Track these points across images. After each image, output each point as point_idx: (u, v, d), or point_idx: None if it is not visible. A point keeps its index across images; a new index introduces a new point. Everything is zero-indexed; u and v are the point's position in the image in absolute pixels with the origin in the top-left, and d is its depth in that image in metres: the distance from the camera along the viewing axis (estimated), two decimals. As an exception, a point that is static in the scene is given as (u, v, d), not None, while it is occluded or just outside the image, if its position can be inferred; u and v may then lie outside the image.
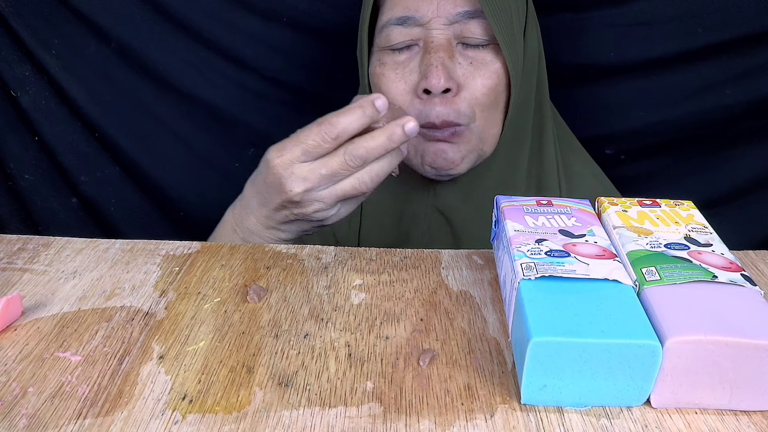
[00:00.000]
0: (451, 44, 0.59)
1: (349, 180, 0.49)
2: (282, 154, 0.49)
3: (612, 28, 0.80)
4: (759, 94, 0.79)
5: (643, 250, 0.39)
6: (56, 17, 0.84)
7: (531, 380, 0.34)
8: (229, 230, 0.58)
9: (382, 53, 0.62)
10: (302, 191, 0.49)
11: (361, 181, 0.49)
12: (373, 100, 0.48)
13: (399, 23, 0.60)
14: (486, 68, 0.59)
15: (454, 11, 0.58)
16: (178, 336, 0.40)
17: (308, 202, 0.50)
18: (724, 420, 0.34)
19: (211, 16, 0.84)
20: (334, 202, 0.51)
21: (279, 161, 0.49)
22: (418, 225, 0.68)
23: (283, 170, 0.49)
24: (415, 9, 0.59)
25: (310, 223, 0.54)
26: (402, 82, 0.61)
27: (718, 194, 0.84)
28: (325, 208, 0.51)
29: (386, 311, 0.43)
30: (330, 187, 0.50)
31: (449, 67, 0.58)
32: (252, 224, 0.55)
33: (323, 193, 0.50)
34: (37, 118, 0.88)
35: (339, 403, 0.35)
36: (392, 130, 0.48)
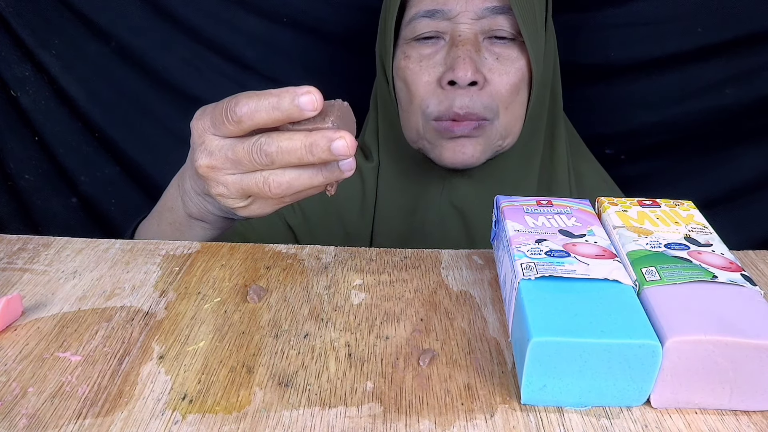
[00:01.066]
0: (477, 39, 0.60)
1: (254, 176, 0.42)
2: (200, 118, 0.43)
3: (612, 28, 0.80)
4: (759, 94, 0.79)
5: (643, 250, 0.39)
6: (56, 17, 0.84)
7: (531, 380, 0.34)
8: (175, 183, 0.54)
9: (407, 46, 0.63)
10: (206, 166, 0.43)
11: (266, 182, 0.42)
12: (298, 94, 0.39)
13: (427, 16, 0.60)
14: (511, 64, 0.60)
15: (482, 6, 0.59)
16: (178, 336, 0.40)
17: (212, 181, 0.43)
18: (724, 420, 0.34)
19: (211, 16, 0.84)
20: (238, 194, 0.44)
21: (196, 125, 0.44)
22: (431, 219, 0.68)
23: (197, 136, 0.43)
24: (443, 2, 0.60)
25: (224, 209, 0.48)
26: (426, 75, 0.61)
27: (718, 194, 0.84)
28: (228, 195, 0.44)
29: (386, 311, 0.43)
30: (236, 175, 0.43)
31: (476, 60, 0.59)
32: (187, 185, 0.50)
33: (228, 178, 0.43)
34: (37, 118, 0.88)
35: (339, 403, 0.35)
36: (315, 139, 0.40)
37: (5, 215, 0.94)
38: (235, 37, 0.85)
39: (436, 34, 0.61)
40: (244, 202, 0.45)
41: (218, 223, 0.52)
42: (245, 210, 0.46)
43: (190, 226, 0.52)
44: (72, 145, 0.90)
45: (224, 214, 0.51)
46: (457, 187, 0.67)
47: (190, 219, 0.52)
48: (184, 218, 0.52)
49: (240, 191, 0.43)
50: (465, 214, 0.67)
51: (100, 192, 0.93)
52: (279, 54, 0.86)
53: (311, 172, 0.42)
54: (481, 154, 0.62)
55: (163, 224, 0.55)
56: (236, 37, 0.85)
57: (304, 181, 0.42)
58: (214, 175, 0.43)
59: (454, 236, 0.67)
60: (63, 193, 0.93)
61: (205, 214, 0.51)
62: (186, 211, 0.52)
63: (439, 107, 0.60)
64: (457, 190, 0.67)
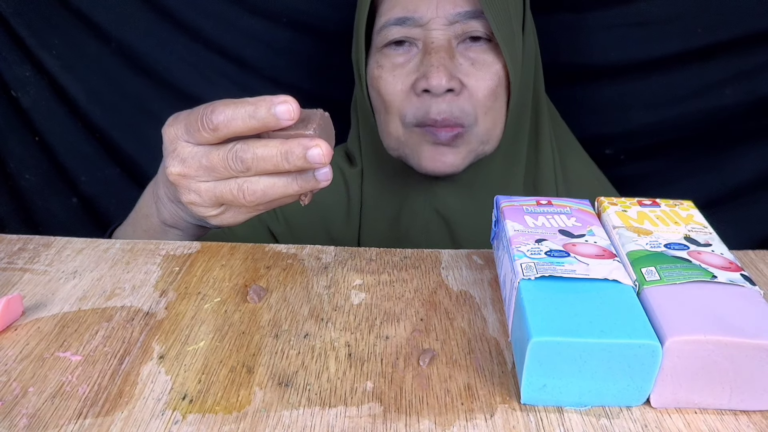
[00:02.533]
0: (451, 45, 0.59)
1: (229, 184, 0.42)
2: (172, 125, 0.43)
3: (612, 28, 0.80)
4: (759, 94, 0.79)
5: (642, 250, 0.39)
6: (56, 17, 0.84)
7: (531, 380, 0.34)
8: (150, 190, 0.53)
9: (379, 55, 0.62)
10: (177, 174, 0.43)
11: (240, 189, 0.42)
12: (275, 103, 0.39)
13: (398, 24, 0.60)
14: (487, 69, 0.59)
15: (453, 11, 0.58)
16: (178, 336, 0.40)
17: (184, 189, 0.43)
18: (724, 420, 0.34)
19: (211, 16, 0.84)
20: (210, 202, 0.44)
21: (167, 131, 0.43)
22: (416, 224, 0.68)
23: (169, 143, 0.43)
24: (414, 9, 0.59)
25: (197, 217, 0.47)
26: (399, 83, 0.60)
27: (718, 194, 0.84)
28: (200, 203, 0.44)
29: (386, 311, 0.43)
30: (210, 182, 0.43)
31: (450, 67, 0.58)
32: (161, 191, 0.50)
33: (200, 185, 0.43)
34: (37, 118, 0.88)
35: (339, 403, 0.35)
36: (290, 146, 0.39)
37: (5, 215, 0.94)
38: (235, 37, 0.85)
39: (408, 40, 0.60)
40: (217, 211, 0.45)
41: (191, 231, 0.52)
42: (217, 218, 0.46)
43: (164, 233, 0.52)
44: (72, 145, 0.90)
45: (197, 222, 0.50)
46: (440, 192, 0.67)
47: (164, 226, 0.52)
48: (158, 225, 0.52)
49: (213, 199, 0.43)
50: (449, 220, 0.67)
51: (100, 192, 0.93)
52: (279, 54, 0.86)
53: (286, 180, 0.41)
54: (461, 162, 0.61)
55: (138, 231, 0.55)
56: (236, 37, 0.85)
57: (279, 189, 0.41)
58: (186, 182, 0.43)
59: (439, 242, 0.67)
60: (63, 193, 0.93)
61: (179, 221, 0.51)
62: (160, 218, 0.52)
63: (417, 114, 0.59)
64: (440, 196, 0.67)
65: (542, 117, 0.68)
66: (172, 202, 0.49)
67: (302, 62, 0.87)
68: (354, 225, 0.71)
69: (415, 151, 0.62)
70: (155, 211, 0.52)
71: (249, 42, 0.86)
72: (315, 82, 0.88)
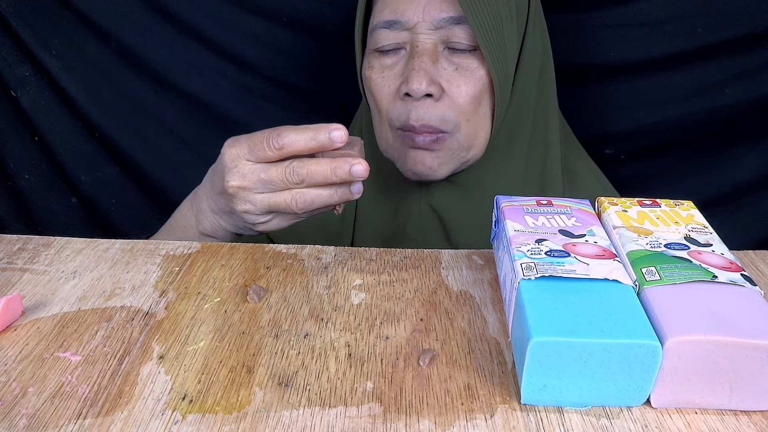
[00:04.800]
0: (436, 49, 0.59)
1: (283, 194, 0.50)
2: (233, 146, 0.50)
3: (612, 28, 0.80)
4: (759, 94, 0.78)
5: (643, 250, 0.39)
6: (56, 17, 0.84)
7: (531, 380, 0.34)
8: (188, 204, 0.60)
9: (371, 56, 0.63)
10: (236, 186, 0.50)
11: (294, 199, 0.49)
12: (331, 130, 0.48)
13: (386, 26, 0.60)
14: (471, 75, 0.59)
15: (438, 16, 0.58)
16: (178, 336, 0.40)
17: (240, 199, 0.51)
18: (724, 420, 0.34)
19: (211, 16, 0.84)
20: (263, 210, 0.51)
21: (228, 152, 0.50)
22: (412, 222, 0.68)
23: (230, 161, 0.50)
24: (401, 13, 0.59)
25: (243, 222, 0.53)
26: (387, 86, 0.61)
27: (718, 194, 0.84)
28: (254, 211, 0.51)
29: (386, 311, 0.43)
30: (265, 194, 0.50)
31: (431, 72, 0.58)
32: (204, 204, 0.57)
33: (257, 196, 0.50)
34: (37, 118, 0.88)
35: (339, 403, 0.35)
36: (338, 163, 0.48)
37: (5, 215, 0.94)
38: (235, 37, 0.85)
39: (396, 45, 0.60)
40: (266, 218, 0.52)
41: (227, 239, 0.58)
42: (264, 225, 0.53)
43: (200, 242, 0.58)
44: (72, 145, 0.90)
45: (237, 230, 0.56)
46: (435, 191, 0.67)
47: (202, 236, 0.58)
48: (195, 235, 0.59)
49: (266, 208, 0.50)
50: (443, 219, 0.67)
51: (100, 192, 0.93)
52: (279, 54, 0.86)
53: (330, 192, 0.49)
54: (440, 167, 0.61)
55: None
56: (236, 37, 0.85)
57: (324, 199, 0.49)
58: (244, 194, 0.50)
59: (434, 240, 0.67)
60: (63, 193, 0.93)
61: (217, 230, 0.57)
62: (199, 228, 0.58)
63: (400, 118, 0.60)
64: (435, 195, 0.67)
65: (551, 120, 0.67)
66: (215, 213, 0.56)
67: (302, 62, 0.87)
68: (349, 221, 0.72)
69: (401, 154, 0.62)
70: (194, 223, 0.58)
71: (249, 42, 0.86)
72: (315, 82, 0.88)
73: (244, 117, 0.90)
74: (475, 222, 0.65)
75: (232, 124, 0.90)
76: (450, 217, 0.66)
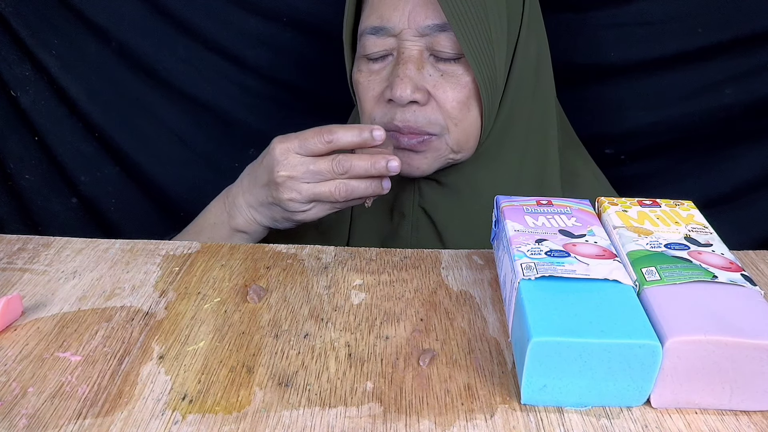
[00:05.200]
0: (422, 56, 0.59)
1: (327, 184, 0.55)
2: (284, 142, 0.56)
3: (612, 28, 0.80)
4: (759, 94, 0.78)
5: (643, 250, 0.39)
6: (56, 17, 0.84)
7: (531, 380, 0.34)
8: (220, 202, 0.63)
9: (360, 60, 0.63)
10: (286, 176, 0.55)
11: (337, 188, 0.55)
12: (373, 129, 0.55)
13: (373, 33, 0.60)
14: (456, 81, 0.59)
15: (423, 23, 0.58)
16: (178, 336, 0.40)
17: (287, 188, 0.56)
18: (724, 420, 0.34)
19: (211, 16, 0.84)
20: (308, 198, 0.56)
21: (280, 146, 0.56)
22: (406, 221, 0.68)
23: (280, 155, 0.55)
24: (387, 19, 0.59)
25: (283, 213, 0.58)
26: (372, 90, 0.61)
27: (718, 194, 0.84)
28: (299, 200, 0.56)
29: (386, 311, 0.43)
30: (311, 183, 0.55)
31: (416, 79, 0.58)
32: (239, 199, 0.61)
33: (303, 186, 0.55)
34: (37, 118, 0.88)
35: (339, 403, 0.35)
36: (377, 159, 0.55)
37: (5, 215, 0.94)
38: (235, 37, 0.85)
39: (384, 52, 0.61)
40: (308, 207, 0.57)
41: (258, 235, 0.63)
42: (304, 214, 0.58)
43: (230, 238, 0.63)
44: (72, 145, 0.90)
45: (271, 223, 0.61)
46: (425, 191, 0.67)
47: (234, 232, 0.62)
48: (226, 232, 0.62)
49: (311, 196, 0.56)
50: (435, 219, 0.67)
51: (100, 192, 0.93)
52: (279, 54, 0.86)
53: (366, 184, 0.56)
54: (428, 167, 0.61)
55: (202, 239, 0.63)
56: (236, 37, 0.85)
57: (361, 190, 0.56)
58: (291, 183, 0.56)
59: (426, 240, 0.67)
60: (63, 193, 0.93)
61: (250, 225, 0.61)
62: (231, 224, 0.62)
63: (383, 119, 0.60)
64: (425, 194, 0.67)
65: (550, 120, 0.67)
66: (252, 207, 0.60)
67: (302, 62, 0.87)
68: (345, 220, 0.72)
69: None
70: (226, 219, 0.62)
71: (249, 42, 0.86)
72: (315, 82, 0.88)
73: (244, 117, 0.90)
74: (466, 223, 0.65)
75: (232, 124, 0.90)
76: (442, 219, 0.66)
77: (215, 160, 0.92)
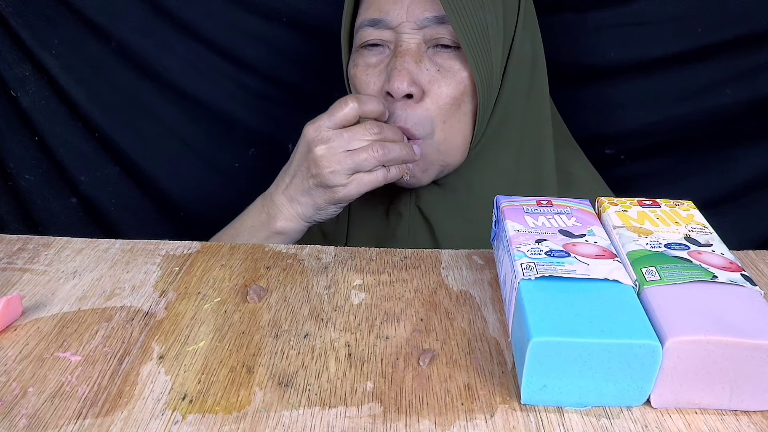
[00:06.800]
0: (420, 49, 0.59)
1: (365, 148, 0.56)
2: (313, 122, 0.58)
3: (612, 28, 0.80)
4: (759, 94, 0.78)
5: (643, 250, 0.39)
6: (56, 17, 0.84)
7: (531, 380, 0.34)
8: (257, 206, 0.64)
9: (356, 54, 0.63)
10: (324, 149, 0.56)
11: (375, 149, 0.56)
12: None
13: (371, 25, 0.60)
14: (453, 76, 0.59)
15: (422, 16, 0.58)
16: (178, 336, 0.40)
17: (327, 160, 0.56)
18: (724, 420, 0.34)
19: (211, 16, 0.84)
20: (348, 167, 0.56)
21: (311, 127, 0.57)
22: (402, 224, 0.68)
23: (313, 132, 0.57)
24: (386, 12, 0.59)
25: (325, 194, 0.58)
26: (371, 84, 0.61)
27: (718, 194, 0.84)
28: (339, 170, 0.56)
29: (386, 311, 0.43)
30: (349, 152, 0.56)
31: (413, 72, 0.58)
32: (278, 198, 0.61)
33: (341, 155, 0.56)
34: (37, 118, 0.88)
35: (339, 403, 0.35)
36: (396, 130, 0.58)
37: (5, 215, 0.94)
38: (235, 37, 0.85)
39: (381, 42, 0.61)
40: (348, 179, 0.57)
41: (296, 235, 0.63)
42: (345, 189, 0.57)
43: (267, 240, 0.63)
44: (72, 145, 0.90)
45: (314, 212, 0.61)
46: (423, 193, 0.67)
47: (273, 235, 0.62)
48: (265, 235, 0.63)
49: (350, 163, 0.56)
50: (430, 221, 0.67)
51: (100, 192, 0.93)
52: (279, 54, 0.86)
53: (400, 146, 0.57)
54: (422, 174, 0.62)
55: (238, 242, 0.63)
56: (236, 37, 0.85)
57: (396, 151, 0.57)
58: (330, 154, 0.56)
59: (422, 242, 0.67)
60: (63, 193, 0.93)
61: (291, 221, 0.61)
62: (271, 226, 0.62)
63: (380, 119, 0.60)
64: (422, 196, 0.67)
65: (544, 119, 0.67)
66: (292, 200, 0.60)
67: (302, 62, 0.87)
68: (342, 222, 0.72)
69: None
70: (265, 220, 0.62)
71: (249, 42, 0.86)
72: (315, 81, 0.88)
73: (244, 117, 0.90)
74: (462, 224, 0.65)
75: (232, 124, 0.90)
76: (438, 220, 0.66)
77: (215, 160, 0.92)
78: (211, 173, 0.93)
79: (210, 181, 0.93)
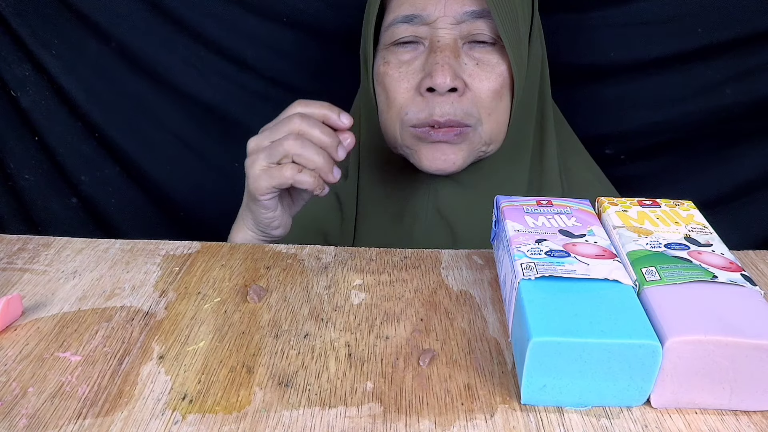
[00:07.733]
0: (457, 44, 0.59)
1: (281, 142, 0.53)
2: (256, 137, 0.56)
3: (612, 28, 0.80)
4: (759, 94, 0.78)
5: (643, 250, 0.39)
6: (56, 17, 0.84)
7: (531, 380, 0.34)
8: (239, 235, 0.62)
9: (386, 51, 0.62)
10: (254, 138, 0.55)
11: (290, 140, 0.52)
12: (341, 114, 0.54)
13: (406, 21, 0.60)
14: (492, 70, 0.59)
15: (461, 11, 0.58)
16: (178, 336, 0.40)
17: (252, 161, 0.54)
18: (724, 420, 0.34)
19: (211, 16, 0.84)
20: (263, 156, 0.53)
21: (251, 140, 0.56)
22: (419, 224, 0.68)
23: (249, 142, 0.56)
24: (422, 7, 0.59)
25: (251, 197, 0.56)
26: (405, 81, 0.60)
27: (718, 194, 0.84)
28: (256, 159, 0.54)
29: (386, 311, 0.43)
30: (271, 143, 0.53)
31: (455, 66, 0.58)
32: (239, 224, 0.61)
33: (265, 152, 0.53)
34: (37, 118, 0.88)
35: (339, 403, 0.35)
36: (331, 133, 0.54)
37: (5, 215, 0.94)
38: (235, 37, 0.85)
39: (415, 39, 0.60)
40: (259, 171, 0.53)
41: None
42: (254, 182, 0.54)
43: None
44: (72, 145, 0.90)
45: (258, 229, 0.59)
46: (442, 192, 0.66)
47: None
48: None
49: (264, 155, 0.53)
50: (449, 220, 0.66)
51: (100, 192, 0.93)
52: (279, 54, 0.86)
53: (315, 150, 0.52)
54: (463, 161, 0.61)
55: None
56: (236, 37, 0.85)
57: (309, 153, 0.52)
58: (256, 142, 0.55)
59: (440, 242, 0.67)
60: (63, 193, 0.93)
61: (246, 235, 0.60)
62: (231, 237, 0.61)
63: (419, 115, 0.59)
64: (442, 196, 0.66)
65: (548, 121, 0.68)
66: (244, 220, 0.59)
67: (302, 62, 0.87)
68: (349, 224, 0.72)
69: (414, 150, 0.62)
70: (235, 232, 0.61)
71: (249, 42, 0.86)
72: (315, 82, 0.88)
73: (244, 117, 0.90)
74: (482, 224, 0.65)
75: (231, 124, 0.90)
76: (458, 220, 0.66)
77: (215, 160, 0.92)
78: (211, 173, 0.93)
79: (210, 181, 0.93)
